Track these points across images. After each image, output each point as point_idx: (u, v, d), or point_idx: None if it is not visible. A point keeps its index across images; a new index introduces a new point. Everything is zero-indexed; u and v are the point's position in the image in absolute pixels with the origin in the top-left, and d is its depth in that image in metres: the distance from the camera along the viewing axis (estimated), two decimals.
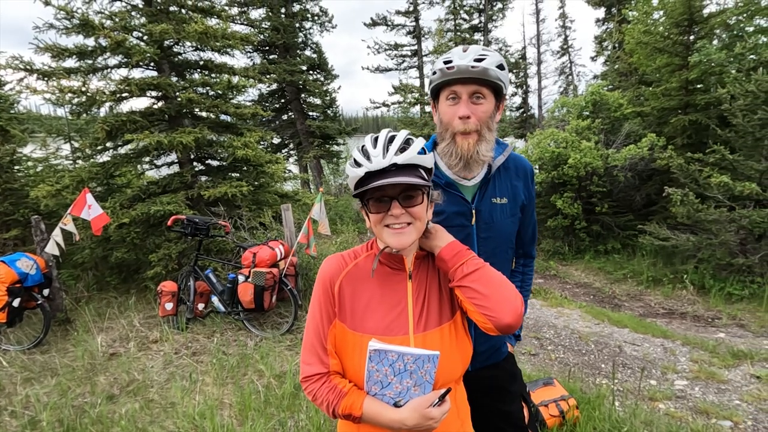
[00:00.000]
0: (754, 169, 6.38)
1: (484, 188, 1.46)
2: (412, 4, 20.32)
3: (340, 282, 1.15)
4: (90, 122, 7.04)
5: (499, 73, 1.32)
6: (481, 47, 1.35)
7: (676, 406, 3.32)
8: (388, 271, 1.17)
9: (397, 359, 1.01)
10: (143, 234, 5.42)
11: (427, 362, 1.01)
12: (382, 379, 1.03)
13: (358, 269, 1.18)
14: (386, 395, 1.05)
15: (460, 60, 1.31)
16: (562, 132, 9.20)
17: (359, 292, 1.15)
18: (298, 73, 14.45)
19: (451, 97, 1.36)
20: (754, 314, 5.78)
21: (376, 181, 1.03)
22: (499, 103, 1.41)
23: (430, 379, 1.04)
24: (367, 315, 1.12)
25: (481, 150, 1.37)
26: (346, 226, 8.74)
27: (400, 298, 1.14)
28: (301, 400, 3.10)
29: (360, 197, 1.12)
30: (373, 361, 1.02)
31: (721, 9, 9.18)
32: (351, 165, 1.10)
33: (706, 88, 8.48)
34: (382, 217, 1.08)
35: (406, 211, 1.06)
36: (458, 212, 1.44)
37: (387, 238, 1.09)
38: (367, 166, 1.05)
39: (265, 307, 4.27)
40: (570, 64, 25.91)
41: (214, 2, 6.69)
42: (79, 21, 5.03)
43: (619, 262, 8.32)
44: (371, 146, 1.08)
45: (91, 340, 4.27)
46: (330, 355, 1.12)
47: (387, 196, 1.07)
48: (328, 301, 1.15)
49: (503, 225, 1.49)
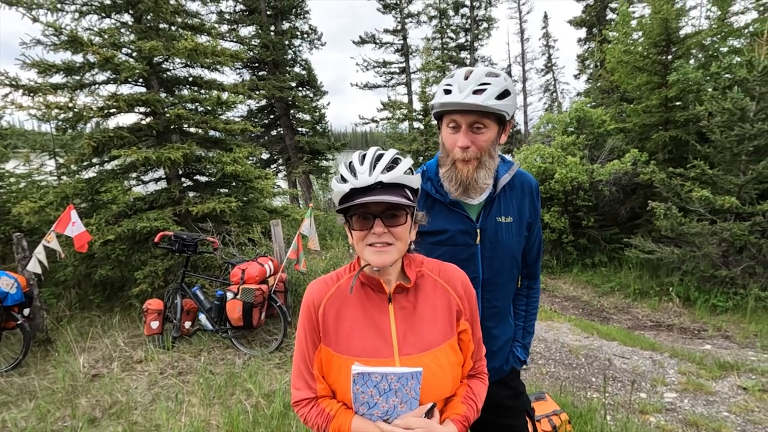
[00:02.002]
0: (732, 183, 6.57)
1: (489, 207, 1.45)
2: (400, 23, 20.79)
3: (323, 306, 1.15)
4: (76, 138, 6.95)
5: (500, 104, 1.28)
6: (486, 72, 1.30)
7: (667, 419, 3.34)
8: (370, 293, 1.16)
9: (380, 380, 1.02)
10: (129, 251, 5.32)
11: (411, 379, 1.03)
12: (368, 400, 1.04)
13: (341, 291, 1.17)
14: (374, 414, 1.06)
15: (459, 92, 1.28)
16: (548, 147, 9.38)
17: (342, 315, 1.14)
18: (287, 90, 14.55)
19: (452, 126, 1.35)
20: (738, 325, 5.88)
21: (361, 198, 1.03)
22: (504, 128, 1.39)
23: (416, 395, 1.05)
24: (351, 337, 1.12)
25: (480, 177, 1.37)
26: (335, 241, 8.70)
27: (382, 320, 1.13)
28: (290, 419, 3.03)
29: (344, 213, 1.12)
30: (358, 383, 1.03)
31: (697, 30, 9.58)
32: (337, 180, 1.11)
33: (685, 106, 8.77)
34: (365, 234, 1.07)
35: (388, 231, 1.06)
36: (462, 231, 1.43)
37: (368, 256, 1.08)
38: (353, 182, 1.05)
39: (254, 324, 4.20)
40: (554, 81, 26.63)
41: (204, 20, 6.75)
42: (67, 37, 5.02)
43: (606, 275, 8.42)
44: (358, 163, 1.08)
45: (73, 360, 4.14)
46: (317, 380, 1.14)
47: (370, 213, 1.06)
48: (312, 327, 1.15)
49: (508, 244, 1.47)
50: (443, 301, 1.17)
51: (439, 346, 1.12)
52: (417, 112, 15.36)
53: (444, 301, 1.17)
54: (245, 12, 14.96)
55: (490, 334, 1.50)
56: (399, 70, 21.53)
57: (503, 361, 1.58)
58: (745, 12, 10.23)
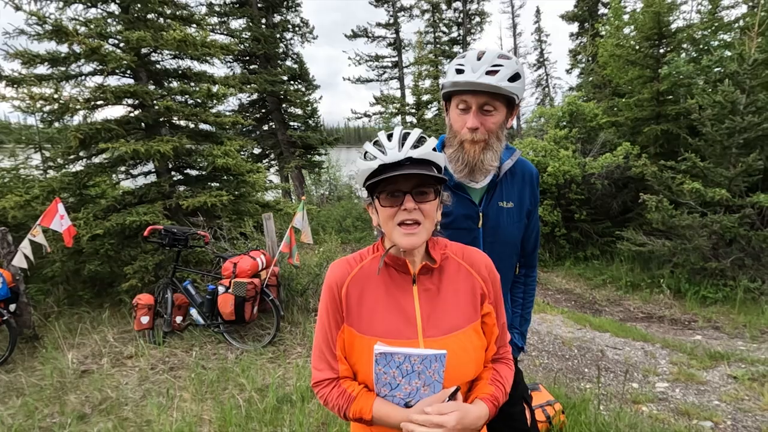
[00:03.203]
0: (723, 176, 6.63)
1: (492, 191, 1.45)
2: (393, 17, 20.66)
3: (346, 286, 1.13)
4: (62, 131, 6.80)
5: (512, 86, 1.29)
6: (498, 53, 1.29)
7: (659, 408, 3.36)
8: (393, 274, 1.14)
9: (403, 361, 1.00)
10: (118, 246, 5.23)
11: (434, 362, 1.00)
12: (390, 381, 1.02)
13: (364, 272, 1.15)
14: (396, 396, 1.04)
15: (472, 72, 1.27)
16: (540, 141, 9.40)
17: (366, 295, 1.13)
18: (279, 84, 14.40)
19: (461, 107, 1.34)
20: (727, 316, 5.95)
21: (391, 172, 1.01)
22: (512, 111, 1.39)
23: (439, 378, 1.02)
24: (374, 318, 1.10)
25: (487, 159, 1.36)
26: (328, 235, 8.65)
27: (406, 301, 1.11)
28: (284, 413, 3.01)
29: (370, 192, 1.10)
30: (380, 363, 1.01)
31: (688, 24, 9.62)
32: (362, 159, 1.08)
33: (676, 99, 8.82)
34: (395, 212, 1.05)
35: (418, 207, 1.04)
36: (466, 215, 1.43)
37: (397, 238, 1.06)
38: (382, 158, 1.03)
39: (246, 318, 4.16)
40: (546, 76, 26.68)
41: (193, 11, 6.62)
42: (51, 27, 4.89)
43: (598, 268, 8.47)
44: (386, 140, 1.07)
45: (61, 357, 4.07)
46: (339, 361, 1.11)
47: (400, 190, 1.04)
48: (335, 306, 1.13)
49: (509, 229, 1.48)
50: (467, 285, 1.15)
51: (463, 329, 1.10)
52: (410, 106, 15.30)
53: (468, 285, 1.15)
54: (236, 4, 14.75)
55: None
56: (391, 64, 21.42)
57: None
58: (735, 6, 10.32)
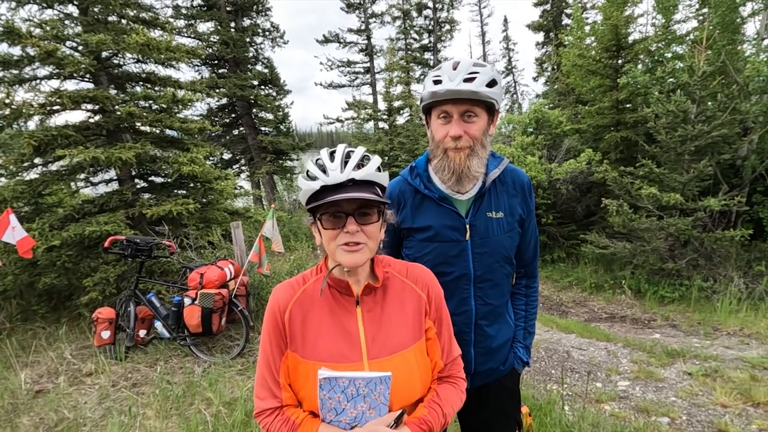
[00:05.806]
0: (677, 181, 7.00)
1: (479, 202, 1.43)
2: (364, 23, 20.77)
3: (289, 310, 1.11)
4: (15, 137, 6.46)
5: (490, 91, 1.28)
6: (472, 62, 1.30)
7: (620, 407, 3.50)
8: (337, 296, 1.13)
9: (348, 385, 0.99)
10: (77, 257, 5.00)
11: (379, 384, 0.99)
12: (335, 406, 1.01)
13: (307, 295, 1.13)
14: (342, 421, 1.02)
15: (450, 81, 1.28)
16: (508, 147, 9.65)
17: (309, 319, 1.10)
18: (249, 88, 14.18)
19: (443, 116, 1.34)
20: (683, 314, 6.27)
21: (333, 195, 0.99)
22: (493, 117, 1.38)
23: (385, 401, 1.01)
24: (318, 342, 1.08)
25: (473, 165, 1.35)
26: (300, 243, 8.55)
27: (350, 323, 1.10)
28: (252, 427, 2.94)
29: (312, 212, 1.08)
30: (324, 389, 0.99)
31: (644, 36, 10.14)
32: (304, 178, 1.06)
33: (634, 108, 9.27)
34: (337, 233, 1.03)
35: (360, 229, 1.03)
36: (450, 226, 1.40)
37: (340, 256, 1.04)
38: (324, 179, 1.02)
39: (213, 330, 4.05)
40: (514, 83, 27.46)
41: (158, 14, 6.45)
42: (2, 28, 4.65)
43: (564, 270, 8.75)
44: (328, 160, 1.04)
45: (13, 376, 3.84)
46: (283, 388, 1.09)
47: (342, 212, 1.02)
48: (278, 332, 1.10)
49: (499, 240, 1.44)
50: (411, 302, 1.15)
51: (408, 348, 1.10)
52: (382, 112, 15.37)
53: (412, 302, 1.15)
54: (203, 7, 14.46)
55: (484, 332, 1.48)
56: (363, 69, 21.51)
57: (501, 362, 1.54)
58: (686, 20, 10.97)
